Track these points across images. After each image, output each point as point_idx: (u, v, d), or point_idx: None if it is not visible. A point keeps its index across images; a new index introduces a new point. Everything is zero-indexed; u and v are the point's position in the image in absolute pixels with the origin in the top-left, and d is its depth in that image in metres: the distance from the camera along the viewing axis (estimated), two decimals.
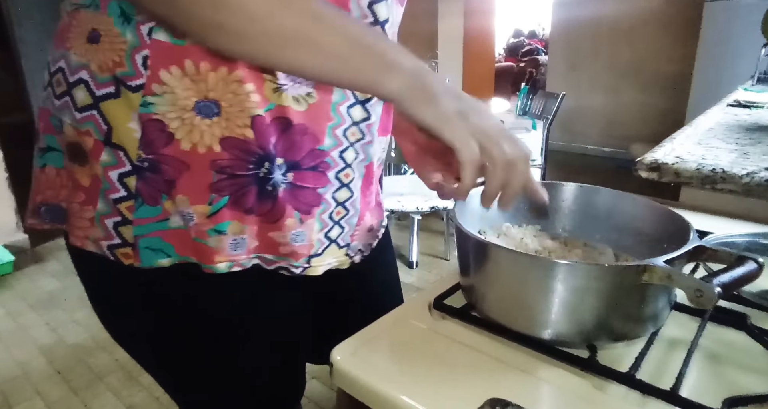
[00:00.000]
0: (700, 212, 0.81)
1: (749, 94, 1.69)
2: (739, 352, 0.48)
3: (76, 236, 0.49)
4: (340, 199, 0.54)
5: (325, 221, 0.54)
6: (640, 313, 0.46)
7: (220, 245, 0.48)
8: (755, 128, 1.18)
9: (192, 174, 0.45)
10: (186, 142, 0.44)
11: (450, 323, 0.54)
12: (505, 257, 0.48)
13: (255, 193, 0.47)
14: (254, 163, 0.46)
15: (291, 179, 0.49)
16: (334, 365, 0.48)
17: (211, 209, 0.46)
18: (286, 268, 0.53)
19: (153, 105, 0.43)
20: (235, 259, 0.50)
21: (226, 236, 0.48)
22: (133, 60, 0.42)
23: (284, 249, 0.52)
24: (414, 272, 2.42)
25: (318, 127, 0.49)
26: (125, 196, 0.46)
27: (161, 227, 0.47)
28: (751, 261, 0.41)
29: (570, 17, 4.40)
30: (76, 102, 0.45)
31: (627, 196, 0.59)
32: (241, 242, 0.49)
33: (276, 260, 0.53)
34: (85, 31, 0.44)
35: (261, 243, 0.51)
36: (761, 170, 0.81)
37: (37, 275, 2.48)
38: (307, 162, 0.49)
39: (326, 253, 0.56)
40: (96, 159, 0.45)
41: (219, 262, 0.49)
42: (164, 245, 0.48)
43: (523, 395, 0.42)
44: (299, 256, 0.53)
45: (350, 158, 0.53)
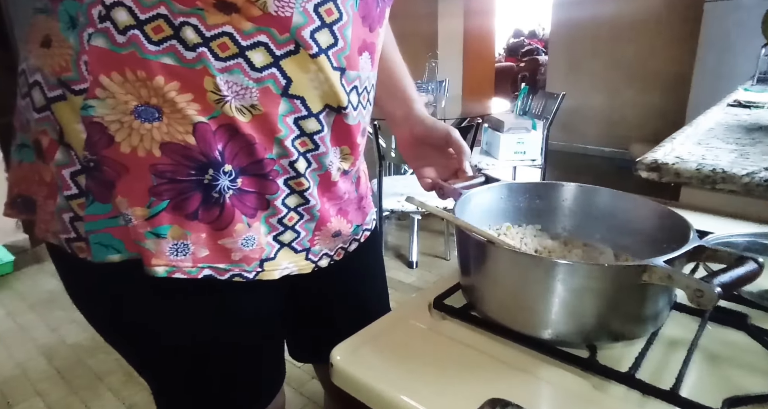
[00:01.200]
0: (700, 212, 0.81)
1: (749, 94, 1.69)
2: (739, 352, 0.48)
3: (39, 228, 0.51)
4: (291, 205, 0.55)
5: (273, 225, 0.55)
6: (640, 313, 0.46)
7: (158, 249, 0.48)
8: (755, 128, 1.18)
9: (131, 176, 0.46)
10: (125, 145, 0.45)
11: (450, 323, 0.54)
12: (505, 257, 0.48)
13: (199, 200, 0.48)
14: (196, 170, 0.47)
15: (240, 185, 0.50)
16: (334, 364, 0.48)
17: (150, 212, 0.47)
18: (239, 275, 0.53)
19: (93, 108, 0.44)
20: (176, 264, 0.49)
21: (164, 240, 0.48)
22: (78, 65, 0.44)
23: (236, 255, 0.52)
24: (414, 272, 2.42)
25: (265, 137, 0.49)
26: (77, 194, 0.47)
27: (112, 223, 0.48)
28: (752, 261, 0.41)
29: (570, 17, 4.40)
30: (34, 103, 0.47)
31: (627, 196, 0.59)
32: (183, 247, 0.49)
33: (229, 268, 0.53)
34: (39, 36, 0.46)
35: (212, 252, 0.51)
36: (761, 170, 0.81)
37: (37, 275, 2.48)
38: (255, 169, 0.50)
39: (279, 257, 0.56)
40: (51, 157, 0.47)
41: (156, 265, 0.48)
42: (114, 241, 0.48)
43: (523, 395, 0.42)
44: (251, 261, 0.53)
45: (302, 168, 0.53)
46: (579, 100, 4.40)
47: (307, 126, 0.52)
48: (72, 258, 0.50)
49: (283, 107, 0.49)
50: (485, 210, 0.61)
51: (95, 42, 0.43)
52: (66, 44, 0.44)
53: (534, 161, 2.78)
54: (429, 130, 0.69)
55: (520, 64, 7.28)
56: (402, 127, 0.73)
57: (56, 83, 0.45)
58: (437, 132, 0.68)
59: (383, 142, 2.11)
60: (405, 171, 2.87)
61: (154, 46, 0.43)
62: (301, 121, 0.51)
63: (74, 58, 0.44)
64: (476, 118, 2.22)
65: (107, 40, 0.43)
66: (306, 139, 0.52)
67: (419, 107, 0.72)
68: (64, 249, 0.50)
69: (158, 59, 0.44)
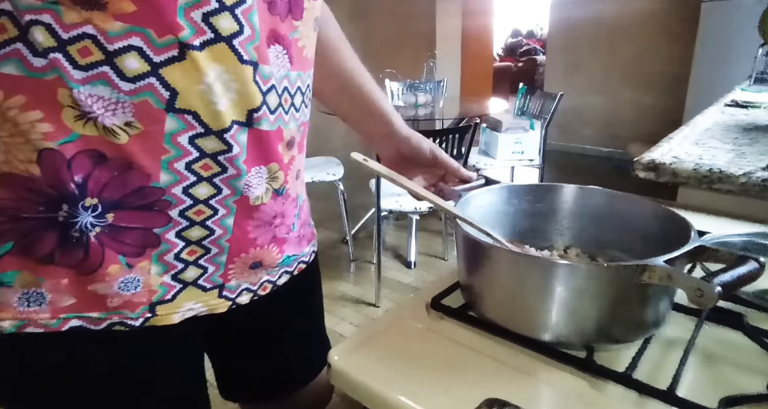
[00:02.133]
0: (697, 212, 0.81)
1: (746, 94, 1.70)
2: (735, 351, 0.48)
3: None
4: (192, 238, 0.47)
5: (168, 263, 0.47)
6: (640, 315, 0.46)
7: (3, 299, 0.41)
8: (752, 128, 1.18)
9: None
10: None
11: (447, 323, 0.54)
12: (504, 257, 0.48)
13: (54, 240, 0.41)
14: (45, 205, 0.40)
15: (111, 220, 0.42)
16: (332, 365, 0.48)
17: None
18: (120, 323, 0.46)
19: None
20: (28, 317, 0.42)
21: (11, 289, 0.41)
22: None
23: (113, 302, 0.45)
24: (412, 272, 2.42)
25: (147, 162, 0.42)
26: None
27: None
28: (752, 261, 0.41)
29: (568, 17, 4.40)
30: None
31: (627, 196, 0.59)
32: (37, 296, 0.42)
33: (104, 316, 0.45)
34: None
35: (80, 300, 0.43)
36: (758, 170, 0.81)
37: None
38: (133, 201, 0.43)
39: (180, 298, 0.49)
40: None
41: (2, 320, 0.41)
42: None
43: (521, 395, 0.42)
44: (136, 306, 0.46)
45: (202, 194, 0.46)
46: (577, 100, 4.40)
47: (207, 145, 0.44)
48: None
49: (170, 124, 0.41)
50: (485, 212, 0.61)
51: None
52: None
53: (532, 161, 2.78)
54: (415, 151, 0.66)
55: (518, 64, 7.29)
56: (385, 146, 0.69)
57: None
58: (423, 153, 0.66)
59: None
60: None
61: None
62: (198, 140, 0.43)
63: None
64: (474, 118, 2.22)
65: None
66: (209, 161, 0.44)
67: (400, 124, 0.68)
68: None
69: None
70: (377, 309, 2.09)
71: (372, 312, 2.07)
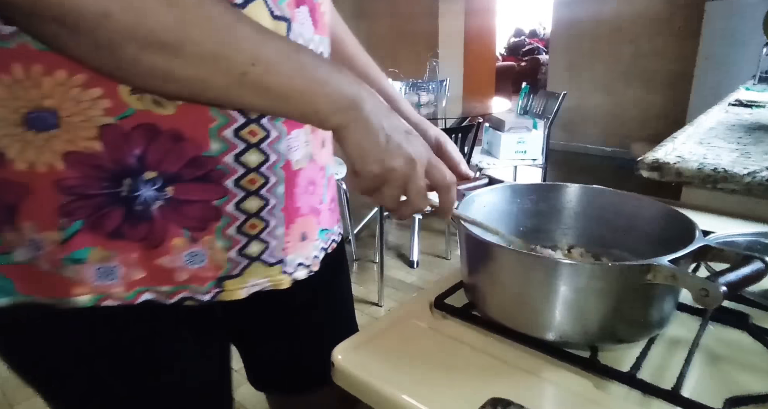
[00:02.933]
0: (701, 212, 0.81)
1: (750, 93, 1.69)
2: (740, 352, 0.48)
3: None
4: (251, 210, 0.47)
5: (231, 237, 0.47)
6: (645, 315, 0.46)
7: (80, 276, 0.42)
8: (757, 127, 1.17)
9: (35, 197, 0.39)
10: (21, 161, 0.39)
11: (451, 323, 0.54)
12: (509, 257, 0.48)
13: (120, 215, 0.42)
14: (109, 181, 0.40)
15: (172, 194, 0.43)
16: (335, 364, 0.48)
17: (63, 235, 0.41)
18: (190, 298, 0.47)
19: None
20: (104, 291, 0.43)
21: (86, 265, 0.42)
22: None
23: (181, 276, 0.46)
24: (415, 272, 2.42)
25: (196, 131, 0.42)
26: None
27: (3, 261, 0.41)
28: (758, 260, 0.41)
29: (571, 17, 4.39)
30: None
31: (631, 196, 0.59)
32: (111, 270, 0.43)
33: (175, 290, 0.46)
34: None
35: (149, 274, 0.44)
36: (763, 170, 0.81)
37: None
38: (190, 172, 0.43)
39: (247, 273, 0.49)
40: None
41: (80, 294, 0.42)
42: (5, 282, 0.42)
43: (525, 395, 0.42)
44: (203, 280, 0.47)
45: (253, 161, 0.46)
46: (580, 100, 4.39)
47: None
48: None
49: None
50: (489, 211, 0.61)
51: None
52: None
53: (535, 161, 2.77)
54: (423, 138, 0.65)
55: (520, 64, 7.28)
56: None
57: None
58: (428, 140, 0.62)
59: None
60: None
61: None
62: None
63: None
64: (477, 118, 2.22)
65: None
66: (255, 126, 0.45)
67: (406, 108, 0.67)
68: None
69: None
70: (380, 308, 2.09)
71: (375, 311, 2.07)
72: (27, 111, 0.38)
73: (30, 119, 0.38)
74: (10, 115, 0.37)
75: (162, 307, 0.47)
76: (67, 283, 0.42)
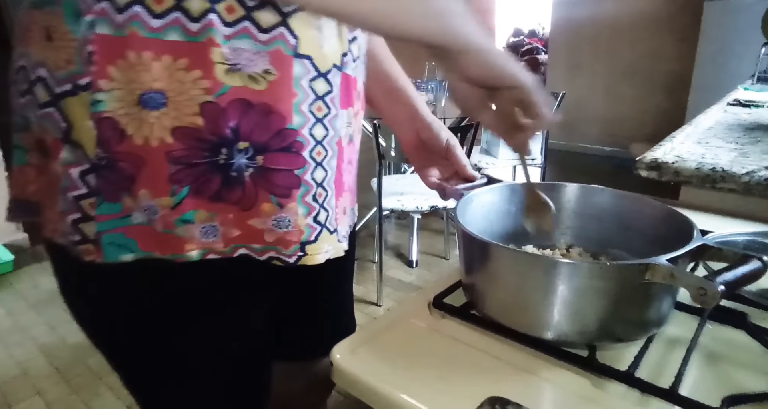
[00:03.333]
0: (700, 211, 0.81)
1: (749, 93, 1.69)
2: (738, 350, 0.48)
3: (47, 228, 0.50)
4: (318, 180, 0.52)
5: (309, 205, 0.52)
6: (643, 314, 0.46)
7: (189, 234, 0.48)
8: (755, 127, 1.18)
9: (150, 168, 0.45)
10: (138, 137, 0.44)
11: (450, 322, 0.54)
12: (507, 256, 0.48)
13: (219, 181, 0.47)
14: (209, 151, 0.46)
15: (261, 162, 0.48)
16: (334, 364, 0.48)
17: (174, 200, 0.46)
18: (277, 258, 0.52)
19: (101, 103, 0.43)
20: (208, 246, 0.49)
21: (193, 225, 0.48)
22: (82, 57, 0.42)
23: (270, 236, 0.51)
24: (414, 271, 2.42)
25: (284, 105, 0.47)
26: (86, 194, 0.46)
27: (123, 223, 0.47)
28: (756, 260, 0.41)
29: (570, 16, 4.40)
30: (37, 99, 0.45)
31: (629, 195, 0.59)
32: (212, 229, 0.49)
33: (265, 249, 0.51)
34: (41, 29, 0.44)
35: (243, 232, 0.50)
36: (761, 169, 0.81)
37: (37, 274, 2.48)
38: (276, 143, 0.48)
39: (321, 239, 0.54)
40: (55, 157, 0.46)
41: (190, 250, 0.48)
42: (127, 241, 0.47)
43: (523, 394, 0.42)
44: (289, 243, 0.51)
45: (319, 135, 0.51)
46: (579, 100, 4.39)
47: (319, 88, 0.50)
48: (75, 260, 0.48)
49: (297, 69, 0.47)
50: (487, 211, 0.61)
51: (100, 29, 0.41)
52: (68, 36, 0.42)
53: (534, 160, 2.78)
54: (433, 139, 0.67)
55: None
56: (407, 130, 0.70)
57: (66, 77, 0.43)
58: (439, 142, 0.67)
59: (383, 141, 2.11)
60: (405, 170, 2.87)
61: (157, 21, 0.41)
62: (313, 83, 0.49)
63: (77, 51, 0.42)
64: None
65: (107, 25, 0.41)
66: (320, 103, 0.50)
67: (423, 108, 0.69)
68: (68, 251, 0.48)
69: (162, 36, 0.42)
70: (379, 308, 2.09)
71: (374, 311, 2.08)
72: (141, 93, 0.43)
73: (143, 100, 0.43)
74: (127, 96, 0.43)
75: (254, 262, 0.52)
76: (179, 241, 0.48)
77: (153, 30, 0.41)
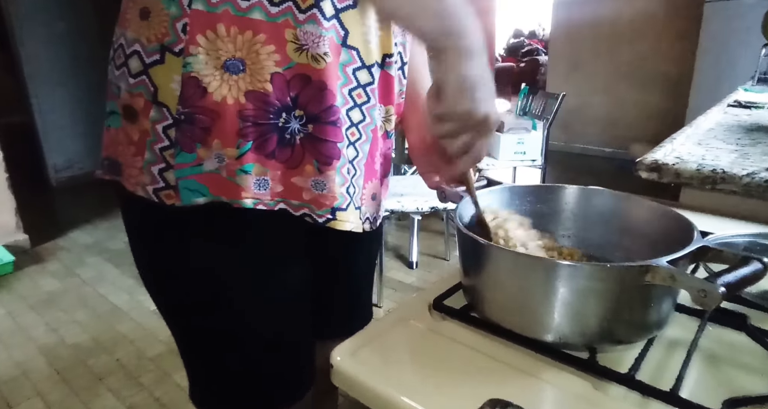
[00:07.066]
0: (700, 213, 0.81)
1: (749, 94, 1.69)
2: (739, 353, 0.48)
3: (130, 182, 0.56)
4: (350, 158, 0.59)
5: (345, 177, 0.58)
6: (643, 316, 0.46)
7: (245, 184, 0.54)
8: (755, 128, 1.18)
9: (223, 122, 0.52)
10: (217, 94, 0.51)
11: (450, 324, 0.54)
12: (507, 258, 0.48)
13: (275, 141, 0.54)
14: (273, 113, 0.53)
15: (310, 130, 0.55)
16: (334, 366, 0.48)
17: (239, 152, 0.53)
18: (310, 215, 0.58)
19: (190, 64, 0.50)
20: (259, 197, 0.55)
21: (250, 176, 0.54)
22: (175, 28, 0.50)
23: (306, 195, 0.57)
24: (414, 273, 2.42)
25: (332, 85, 0.54)
26: (168, 145, 0.53)
27: (196, 171, 0.54)
28: (756, 261, 0.41)
29: (570, 17, 4.40)
30: (130, 70, 0.53)
31: (629, 197, 0.59)
32: (264, 182, 0.55)
33: (300, 205, 0.57)
34: (136, 11, 0.53)
35: (285, 188, 0.56)
36: (761, 171, 0.81)
37: (37, 275, 2.48)
38: (325, 116, 0.55)
39: (349, 210, 0.60)
40: (146, 116, 0.53)
41: (245, 198, 0.55)
42: (199, 186, 0.54)
43: (523, 396, 0.42)
44: (321, 205, 0.57)
45: (356, 118, 0.58)
46: (579, 101, 4.39)
47: (362, 77, 0.57)
48: (157, 207, 0.55)
49: (343, 57, 0.54)
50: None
51: (195, 6, 0.49)
52: (163, 13, 0.50)
53: (534, 162, 2.78)
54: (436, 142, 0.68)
55: (520, 65, 7.28)
56: (415, 132, 0.72)
57: (156, 49, 0.51)
58: None
59: None
60: (405, 171, 2.87)
61: (245, 2, 0.49)
62: (357, 72, 0.56)
63: (171, 24, 0.50)
64: None
65: (204, 3, 0.49)
66: (361, 90, 0.57)
67: None
68: (150, 200, 0.55)
69: (248, 15, 0.49)
70: (379, 309, 2.09)
71: (374, 312, 2.07)
72: (226, 59, 0.51)
73: (227, 65, 0.51)
74: (214, 61, 0.51)
75: (291, 217, 0.58)
76: (239, 189, 0.54)
77: (241, 10, 0.49)
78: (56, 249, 2.75)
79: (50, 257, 2.66)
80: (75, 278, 2.44)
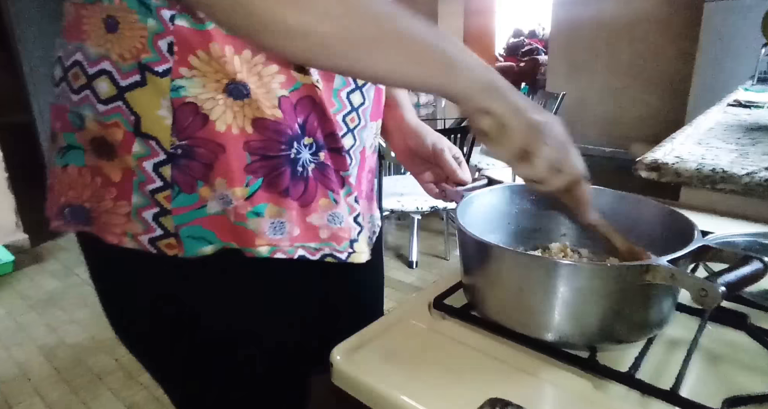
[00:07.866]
0: (700, 212, 0.81)
1: (749, 94, 1.69)
2: (739, 352, 0.48)
3: (111, 233, 0.47)
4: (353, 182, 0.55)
5: (351, 205, 0.54)
6: (644, 315, 0.46)
7: (260, 229, 0.48)
8: (755, 128, 1.18)
9: (228, 156, 0.45)
10: (221, 123, 0.45)
11: (450, 323, 0.54)
12: (507, 258, 0.48)
13: (288, 175, 0.48)
14: (285, 144, 0.47)
15: (322, 159, 0.50)
16: (334, 365, 0.48)
17: (248, 191, 0.46)
18: (331, 255, 0.52)
19: (183, 88, 0.43)
20: (276, 243, 0.49)
21: (264, 219, 0.47)
22: (156, 46, 0.42)
23: (324, 233, 0.52)
24: (414, 272, 2.42)
25: (329, 110, 0.50)
26: (162, 186, 0.45)
27: (200, 214, 0.46)
28: (756, 261, 0.41)
29: (570, 17, 4.40)
30: (98, 94, 0.44)
31: (630, 196, 0.59)
32: (280, 226, 0.49)
33: (319, 247, 0.52)
34: (99, 21, 0.43)
35: (302, 230, 0.50)
36: (761, 170, 0.81)
37: (37, 274, 2.48)
38: (330, 143, 0.51)
39: (361, 240, 0.55)
40: (127, 151, 0.44)
41: (260, 245, 0.48)
42: (205, 232, 0.47)
43: (523, 395, 0.42)
44: (341, 240, 0.53)
45: (348, 144, 0.53)
46: (579, 100, 4.39)
47: (355, 99, 0.53)
48: (151, 259, 0.47)
49: (337, 81, 0.51)
50: (488, 212, 0.61)
51: (179, 22, 0.42)
52: (138, 26, 0.42)
53: None
54: (419, 144, 0.67)
55: (520, 64, 7.28)
56: (395, 137, 0.70)
57: (133, 67, 0.43)
58: (425, 147, 0.67)
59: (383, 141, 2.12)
60: (405, 171, 2.87)
61: None
62: (351, 95, 0.53)
63: (151, 39, 0.42)
64: None
65: (189, 19, 0.42)
66: (354, 114, 0.53)
67: (410, 116, 0.69)
68: (144, 251, 0.47)
69: None
70: None
71: None
72: (227, 82, 0.44)
73: (229, 89, 0.44)
74: (214, 84, 0.44)
75: (309, 262, 0.53)
76: (251, 234, 0.47)
77: None
78: (56, 249, 2.75)
79: (50, 257, 2.67)
80: (75, 277, 2.44)
